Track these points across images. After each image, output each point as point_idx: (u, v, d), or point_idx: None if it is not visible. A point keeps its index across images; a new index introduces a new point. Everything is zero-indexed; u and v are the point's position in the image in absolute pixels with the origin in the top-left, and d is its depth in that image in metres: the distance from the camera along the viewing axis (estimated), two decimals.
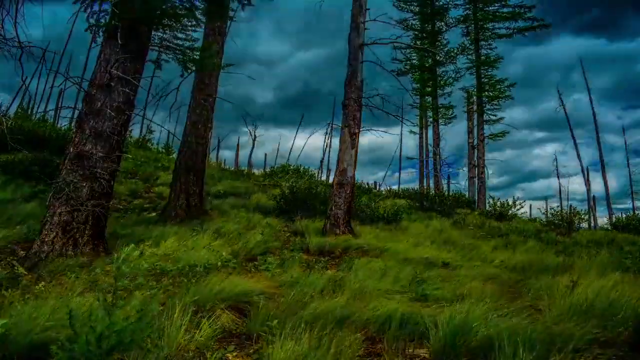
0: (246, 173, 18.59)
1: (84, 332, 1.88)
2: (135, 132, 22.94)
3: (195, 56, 5.48)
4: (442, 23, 23.56)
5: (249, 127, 24.65)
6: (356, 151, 8.17)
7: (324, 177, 23.08)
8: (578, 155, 21.36)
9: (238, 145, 26.37)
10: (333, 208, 7.77)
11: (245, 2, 5.48)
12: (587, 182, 21.41)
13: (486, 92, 21.58)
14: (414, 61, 24.68)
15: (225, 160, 24.93)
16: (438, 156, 22.44)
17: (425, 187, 23.02)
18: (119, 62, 4.82)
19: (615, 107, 54.09)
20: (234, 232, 6.47)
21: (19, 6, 4.89)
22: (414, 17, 24.13)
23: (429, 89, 23.66)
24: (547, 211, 14.49)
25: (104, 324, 1.90)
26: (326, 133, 26.13)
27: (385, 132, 20.13)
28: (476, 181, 21.22)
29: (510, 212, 15.11)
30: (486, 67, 21.84)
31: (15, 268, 3.58)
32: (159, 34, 5.28)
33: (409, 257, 5.66)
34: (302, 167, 18.85)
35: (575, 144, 21.51)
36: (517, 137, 62.19)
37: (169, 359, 2.21)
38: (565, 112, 21.88)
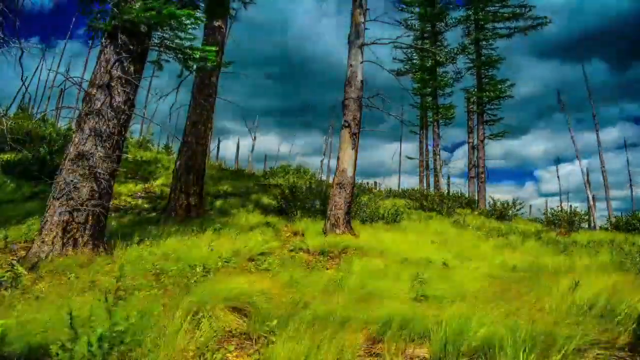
0: (246, 173, 18.57)
1: (84, 333, 1.88)
2: (135, 132, 22.94)
3: (195, 56, 5.45)
4: (443, 23, 23.59)
5: (250, 126, 24.66)
6: (356, 151, 8.16)
7: (324, 177, 23.09)
8: (577, 156, 21.34)
9: (238, 145, 26.47)
10: (333, 208, 7.76)
11: (247, 1, 5.46)
12: (587, 182, 21.37)
13: (486, 92, 21.58)
14: (415, 61, 24.71)
15: (225, 161, 24.93)
16: (438, 156, 22.44)
17: (425, 187, 23.02)
18: (119, 62, 4.82)
19: None
20: (234, 231, 6.47)
21: (19, 6, 4.89)
22: (415, 17, 24.19)
23: (430, 89, 23.67)
24: (547, 211, 14.53)
25: (104, 324, 1.90)
26: (326, 133, 26.13)
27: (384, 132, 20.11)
28: (476, 181, 21.22)
29: (510, 212, 15.15)
30: (487, 67, 21.84)
31: (15, 268, 3.57)
32: (159, 33, 5.24)
33: (409, 257, 5.65)
34: (302, 167, 18.86)
35: (575, 143, 21.47)
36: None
37: (170, 359, 2.21)
38: (565, 111, 21.84)
